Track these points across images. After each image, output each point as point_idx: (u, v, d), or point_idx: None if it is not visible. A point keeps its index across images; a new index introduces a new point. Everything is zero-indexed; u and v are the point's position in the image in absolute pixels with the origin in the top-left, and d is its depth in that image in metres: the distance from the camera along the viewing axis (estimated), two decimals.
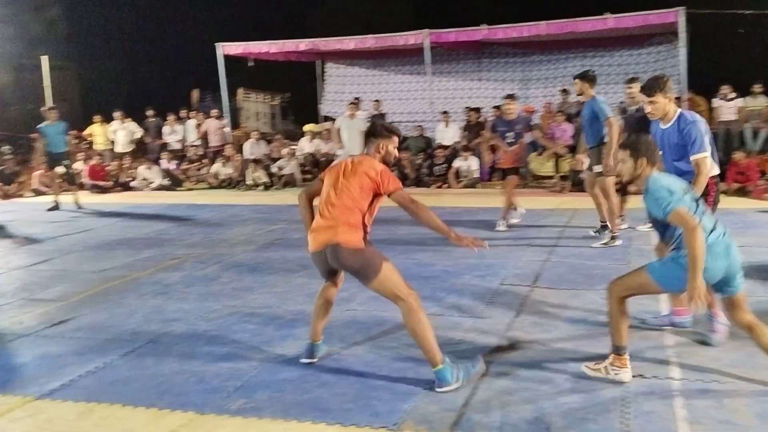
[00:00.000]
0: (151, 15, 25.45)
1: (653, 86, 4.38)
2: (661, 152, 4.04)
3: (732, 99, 12.55)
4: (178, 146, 15.99)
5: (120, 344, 4.56)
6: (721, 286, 3.57)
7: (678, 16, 12.18)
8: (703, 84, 13.62)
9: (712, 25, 15.08)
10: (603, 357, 3.77)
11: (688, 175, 4.22)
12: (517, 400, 3.48)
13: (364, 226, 3.72)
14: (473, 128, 14.11)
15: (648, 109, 4.47)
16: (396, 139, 3.95)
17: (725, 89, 12.52)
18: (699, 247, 3.31)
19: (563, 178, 12.23)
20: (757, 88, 12.73)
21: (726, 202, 7.96)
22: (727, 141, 12.45)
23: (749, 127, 12.55)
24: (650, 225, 7.26)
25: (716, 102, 12.75)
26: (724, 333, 4.17)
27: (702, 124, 4.37)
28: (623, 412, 3.31)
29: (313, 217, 3.88)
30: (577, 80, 7.27)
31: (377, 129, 3.97)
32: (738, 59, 17.11)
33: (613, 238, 7.16)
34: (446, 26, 14.51)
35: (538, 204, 7.36)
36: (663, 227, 3.73)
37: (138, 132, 15.87)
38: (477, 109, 14.78)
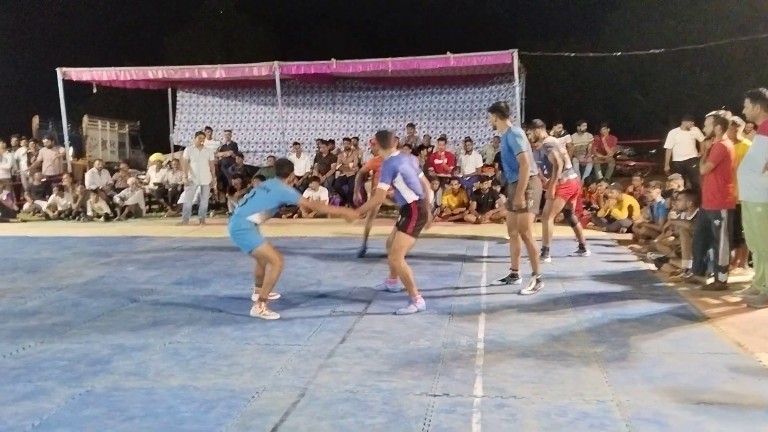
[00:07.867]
0: None
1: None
2: None
3: (562, 135, 13.55)
4: (7, 176, 15.02)
5: None
6: None
7: (512, 58, 13.06)
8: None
9: (545, 67, 16.31)
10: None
11: None
12: (325, 425, 3.53)
13: None
14: (324, 160, 14.29)
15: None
16: None
17: (557, 127, 13.49)
18: None
19: None
20: (582, 126, 13.88)
21: (554, 231, 8.58)
22: None
23: (576, 162, 13.60)
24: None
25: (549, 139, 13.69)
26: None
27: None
28: (424, 429, 3.45)
29: None
30: (489, 113, 6.87)
31: None
32: (567, 99, 18.60)
33: (538, 281, 6.60)
34: (307, 59, 14.66)
35: (381, 231, 7.64)
36: None
37: None
38: (329, 141, 15.01)
